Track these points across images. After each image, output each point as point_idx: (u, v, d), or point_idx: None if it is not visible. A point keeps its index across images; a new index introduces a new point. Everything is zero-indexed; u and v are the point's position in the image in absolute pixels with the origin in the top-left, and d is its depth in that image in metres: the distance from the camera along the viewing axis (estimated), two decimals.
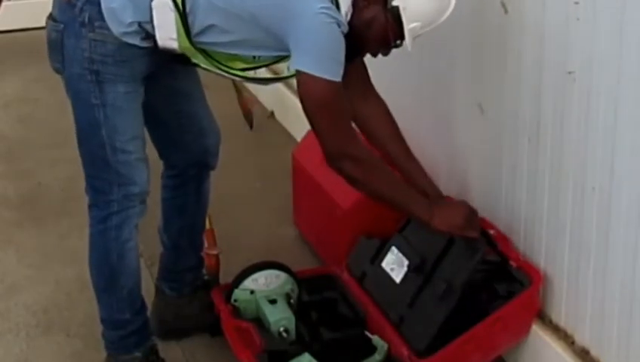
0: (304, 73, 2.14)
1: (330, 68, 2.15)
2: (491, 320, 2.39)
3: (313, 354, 2.40)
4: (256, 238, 3.23)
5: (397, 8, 2.18)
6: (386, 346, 2.44)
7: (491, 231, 2.59)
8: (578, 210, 2.26)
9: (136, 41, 2.22)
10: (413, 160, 2.56)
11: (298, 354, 2.40)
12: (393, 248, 2.61)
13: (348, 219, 2.81)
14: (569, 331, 2.39)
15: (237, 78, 2.36)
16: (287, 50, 2.18)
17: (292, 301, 2.61)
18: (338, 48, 2.15)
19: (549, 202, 2.37)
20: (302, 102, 2.20)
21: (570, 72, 2.18)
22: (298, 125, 3.64)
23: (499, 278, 2.47)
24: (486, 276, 2.46)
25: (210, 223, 2.78)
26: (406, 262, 2.55)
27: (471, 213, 2.43)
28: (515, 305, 2.41)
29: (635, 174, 2.06)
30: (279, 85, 3.76)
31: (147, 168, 2.40)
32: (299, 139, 3.39)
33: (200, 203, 2.67)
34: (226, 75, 2.30)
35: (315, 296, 2.68)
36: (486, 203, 2.66)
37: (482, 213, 2.66)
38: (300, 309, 2.59)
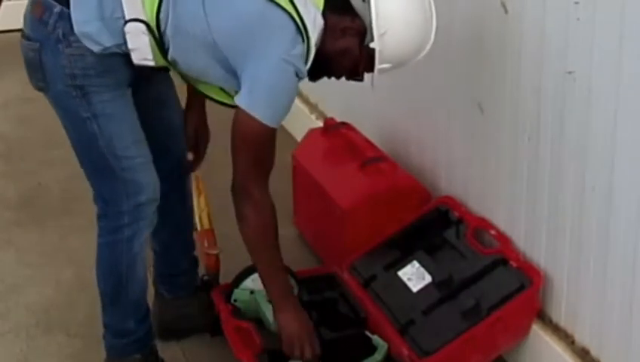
0: (247, 113, 2.14)
1: (274, 115, 2.17)
2: (491, 320, 2.39)
3: None
4: None
5: (373, 49, 2.19)
6: (386, 346, 2.45)
7: (492, 232, 2.59)
8: (578, 210, 2.26)
9: (118, 50, 2.19)
10: None
11: None
12: (415, 262, 2.63)
13: (348, 219, 2.81)
14: (569, 331, 2.39)
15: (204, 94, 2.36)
16: (232, 83, 2.18)
17: None
18: (290, 98, 2.18)
19: (549, 202, 2.37)
20: (235, 136, 2.20)
21: (570, 72, 2.18)
22: (298, 125, 3.64)
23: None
24: None
25: (210, 223, 2.78)
26: (428, 277, 2.57)
27: (308, 333, 2.36)
28: (515, 306, 2.41)
29: (635, 174, 2.06)
30: None
31: (153, 170, 2.37)
32: (299, 139, 3.39)
33: (185, 204, 2.65)
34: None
35: (315, 296, 2.68)
36: (486, 203, 2.66)
37: (482, 212, 2.67)
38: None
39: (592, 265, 2.25)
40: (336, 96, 3.48)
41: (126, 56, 2.20)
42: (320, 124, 3.37)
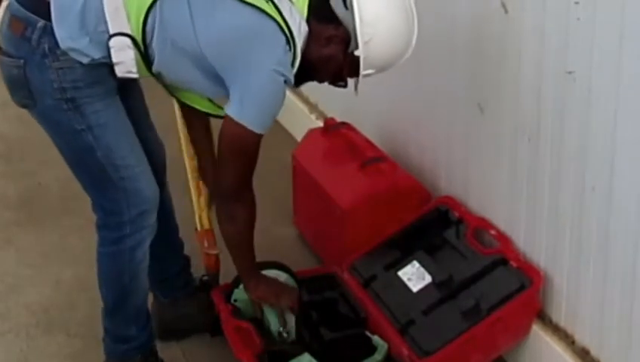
0: (237, 122, 2.14)
1: (263, 123, 2.17)
2: (491, 320, 2.39)
3: (313, 354, 2.40)
4: (256, 238, 3.18)
5: (357, 56, 2.19)
6: (386, 346, 2.44)
7: (492, 232, 2.59)
8: (578, 210, 2.26)
9: (106, 60, 2.17)
10: None
11: (298, 353, 2.40)
12: (415, 262, 2.63)
13: (348, 219, 2.81)
14: (569, 331, 2.39)
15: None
16: (218, 93, 2.18)
17: None
18: (278, 107, 2.18)
19: (549, 202, 2.37)
20: (224, 144, 2.20)
21: (570, 72, 2.18)
22: (298, 125, 3.64)
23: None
24: None
25: (210, 223, 2.78)
26: (428, 277, 2.57)
27: (280, 289, 2.49)
28: (515, 306, 2.41)
29: (635, 174, 2.06)
30: None
31: (152, 177, 2.36)
32: (299, 139, 3.39)
33: (164, 210, 2.59)
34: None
35: (315, 296, 2.68)
36: (486, 203, 2.66)
37: (482, 213, 2.67)
38: (300, 309, 2.58)
39: (592, 265, 2.25)
40: (336, 96, 3.47)
41: (112, 66, 2.18)
42: (320, 124, 3.37)
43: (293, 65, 2.17)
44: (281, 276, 2.61)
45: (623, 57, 2.01)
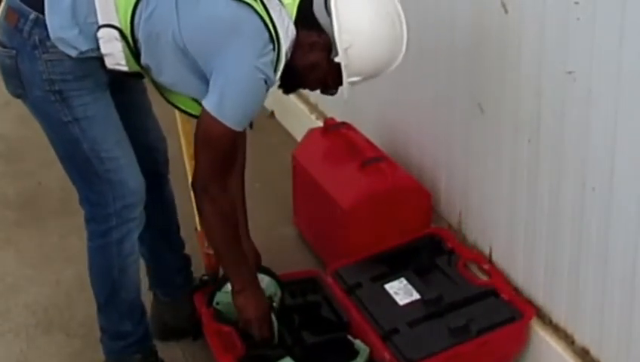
0: (212, 115, 2.14)
1: (239, 120, 2.17)
2: (480, 342, 2.38)
3: (295, 358, 2.38)
4: (256, 238, 3.20)
5: (340, 64, 2.20)
6: (367, 350, 2.42)
7: (485, 266, 2.58)
8: (578, 210, 2.26)
9: (95, 54, 2.19)
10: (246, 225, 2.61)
11: (280, 357, 2.38)
12: (403, 279, 2.62)
13: (348, 219, 2.81)
14: (569, 331, 2.39)
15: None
16: (203, 92, 2.17)
17: (275, 304, 2.56)
18: (256, 106, 2.19)
19: (549, 202, 2.37)
20: (199, 135, 2.20)
21: (570, 72, 2.18)
22: (298, 125, 3.64)
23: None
24: None
25: None
26: (416, 294, 2.55)
27: (263, 317, 2.41)
28: (504, 334, 2.41)
29: (635, 174, 2.06)
30: None
31: (138, 170, 2.36)
32: (299, 139, 3.39)
33: (166, 208, 2.63)
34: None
35: (297, 300, 2.65)
36: (486, 203, 2.66)
37: (482, 214, 2.67)
38: (282, 313, 2.56)
39: (592, 265, 2.25)
40: (336, 97, 3.48)
41: (102, 59, 2.19)
42: (320, 124, 3.37)
43: (277, 67, 2.17)
44: (264, 279, 2.58)
45: (623, 57, 2.01)
